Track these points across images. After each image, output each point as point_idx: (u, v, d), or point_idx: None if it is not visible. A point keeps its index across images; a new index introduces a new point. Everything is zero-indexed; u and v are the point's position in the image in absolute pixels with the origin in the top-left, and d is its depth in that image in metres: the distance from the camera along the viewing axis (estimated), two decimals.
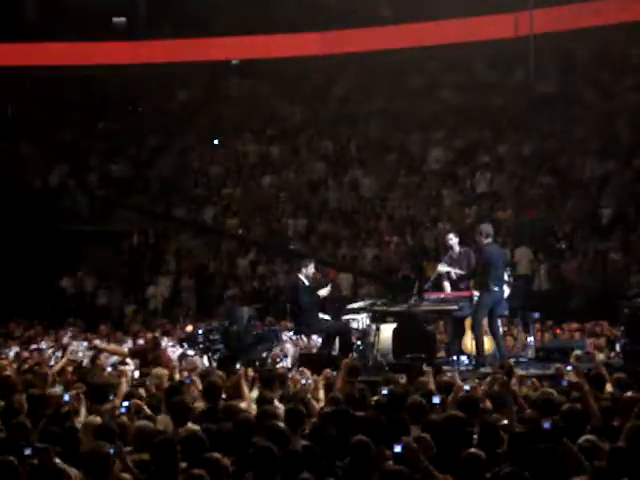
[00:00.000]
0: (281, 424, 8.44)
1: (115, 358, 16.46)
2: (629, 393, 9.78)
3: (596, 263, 22.81)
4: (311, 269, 15.99)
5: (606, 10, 27.50)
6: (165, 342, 18.04)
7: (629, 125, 26.28)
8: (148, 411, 9.70)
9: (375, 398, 10.04)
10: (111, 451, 7.51)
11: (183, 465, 7.63)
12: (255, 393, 10.72)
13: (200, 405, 10.09)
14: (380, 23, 30.27)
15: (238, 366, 13.15)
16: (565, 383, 10.52)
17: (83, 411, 9.66)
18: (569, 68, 28.87)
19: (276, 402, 9.95)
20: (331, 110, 30.96)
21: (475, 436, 8.19)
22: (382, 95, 30.37)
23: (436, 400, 9.48)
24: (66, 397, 9.75)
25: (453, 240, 16.07)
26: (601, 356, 15.54)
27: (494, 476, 7.11)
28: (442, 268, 15.87)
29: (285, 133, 30.72)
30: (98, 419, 9.19)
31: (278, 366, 15.01)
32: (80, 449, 8.31)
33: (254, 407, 9.93)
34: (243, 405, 10.18)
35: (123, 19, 32.10)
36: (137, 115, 31.40)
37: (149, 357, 14.05)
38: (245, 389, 10.65)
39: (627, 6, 27.42)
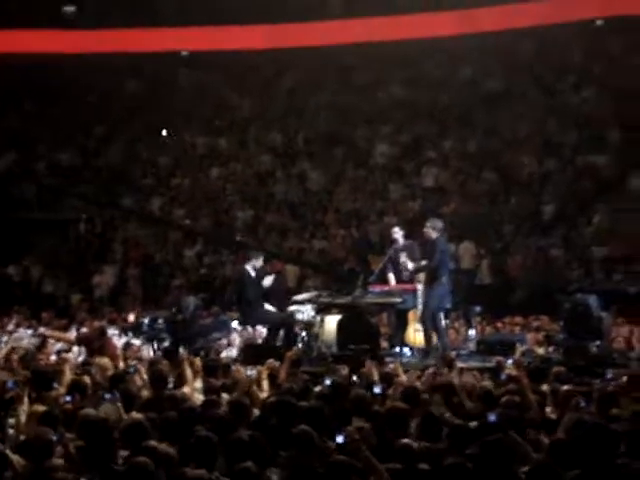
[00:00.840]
0: (225, 413, 8.56)
1: (60, 346, 16.49)
2: (565, 387, 10.03)
3: (537, 259, 23.16)
4: (259, 261, 16.13)
5: (549, 9, 27.81)
6: (111, 331, 18.08)
7: (570, 123, 26.66)
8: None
9: (318, 389, 10.18)
10: (54, 437, 7.60)
11: (125, 453, 7.73)
12: (199, 383, 10.84)
13: (146, 394, 10.18)
14: (329, 17, 30.37)
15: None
16: (504, 376, 10.72)
17: (26, 399, 9.69)
18: (514, 66, 29.17)
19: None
20: (279, 103, 31.05)
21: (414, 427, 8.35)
22: (330, 89, 30.52)
23: (377, 390, 9.65)
24: (9, 383, 9.72)
25: (398, 234, 16.27)
26: (540, 350, 15.83)
27: (436, 468, 7.25)
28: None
29: (233, 125, 30.77)
30: (41, 407, 9.24)
31: (223, 356, 15.12)
32: (23, 435, 8.39)
33: (198, 396, 10.05)
34: (186, 390, 10.31)
35: (73, 7, 31.87)
36: (85, 104, 31.24)
37: (95, 345, 14.07)
38: (188, 374, 10.77)
39: (569, 5, 27.76)
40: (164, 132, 30.74)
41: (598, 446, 6.81)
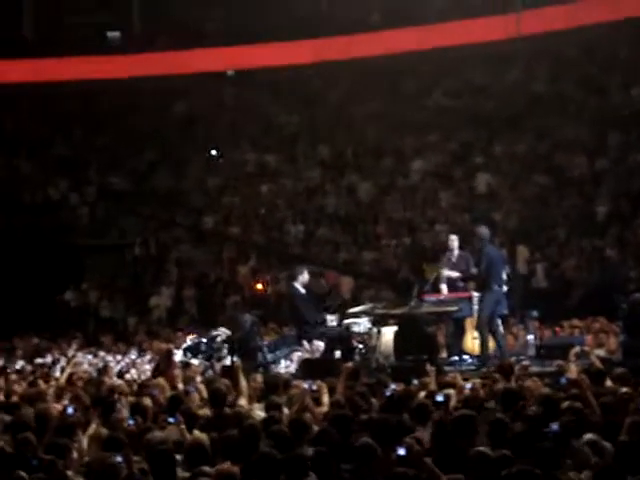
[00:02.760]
0: (287, 429, 8.57)
1: (120, 367, 16.66)
2: (624, 389, 9.93)
3: (593, 260, 22.97)
4: (305, 276, 16.14)
5: (593, 9, 27.65)
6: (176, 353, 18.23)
7: (620, 122, 26.44)
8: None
9: (374, 400, 10.17)
10: (118, 459, 7.65)
11: (186, 475, 7.77)
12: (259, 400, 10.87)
13: (206, 412, 10.22)
14: (372, 29, 30.41)
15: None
16: (564, 380, 10.63)
17: (94, 425, 9.75)
18: (560, 67, 29.00)
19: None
20: (326, 116, 31.10)
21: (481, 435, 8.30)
22: (376, 100, 30.51)
23: (439, 398, 9.60)
24: (70, 410, 9.79)
25: (454, 242, 16.25)
26: (601, 352, 15.69)
27: (506, 475, 7.20)
28: (445, 272, 16.03)
29: (281, 140, 30.86)
30: (104, 430, 9.31)
31: (282, 371, 15.15)
32: (87, 460, 8.46)
33: (259, 413, 10.06)
34: (243, 402, 10.35)
35: (117, 33, 32.20)
36: (134, 128, 31.51)
37: (161, 367, 14.17)
38: (244, 387, 10.82)
39: (614, 4, 27.57)
40: (213, 152, 30.90)
41: None
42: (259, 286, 24.76)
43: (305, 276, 16.10)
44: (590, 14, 27.60)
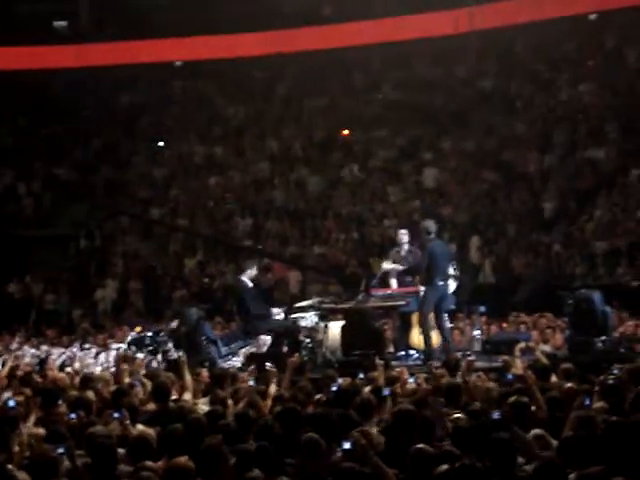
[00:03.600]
0: (232, 423, 8.50)
1: (62, 360, 16.47)
2: (569, 384, 9.97)
3: (540, 256, 23.10)
4: (254, 270, 16.08)
5: (542, 5, 27.80)
6: (114, 345, 18.07)
7: (568, 118, 26.61)
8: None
9: (318, 396, 10.12)
10: (60, 451, 7.56)
11: (129, 469, 7.68)
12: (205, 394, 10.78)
13: (151, 406, 10.12)
14: (321, 22, 30.35)
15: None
16: (510, 376, 10.64)
17: (32, 417, 9.62)
18: (508, 63, 29.13)
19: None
20: (275, 109, 31.01)
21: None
22: (325, 94, 30.48)
23: (386, 392, 9.57)
24: (11, 403, 9.64)
25: (404, 237, 16.21)
26: (547, 347, 15.77)
27: (448, 470, 7.16)
28: (386, 265, 16.05)
29: (230, 133, 30.72)
30: (41, 430, 9.15)
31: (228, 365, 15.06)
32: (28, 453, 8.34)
33: (204, 407, 9.97)
34: (187, 397, 10.26)
35: (65, 22, 31.86)
36: (81, 118, 31.21)
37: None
38: (189, 382, 10.75)
39: (563, 1, 27.74)
40: (160, 143, 30.69)
41: (606, 442, 6.78)
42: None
43: (254, 270, 16.04)
44: (538, 11, 27.73)
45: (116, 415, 9.13)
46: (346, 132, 27.89)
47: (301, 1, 30.63)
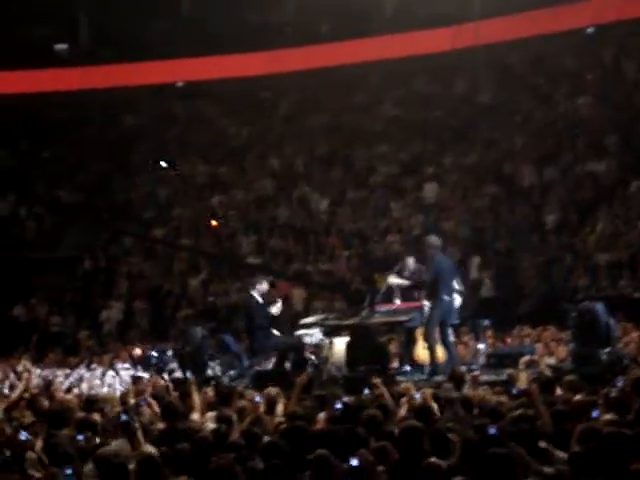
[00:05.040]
0: (239, 441, 8.53)
1: (69, 382, 16.52)
2: (578, 396, 9.99)
3: (542, 269, 23.12)
4: (264, 285, 16.10)
5: (540, 20, 27.90)
6: (120, 365, 18.13)
7: (567, 132, 26.67)
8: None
9: (322, 413, 10.14)
10: (68, 472, 7.59)
11: None
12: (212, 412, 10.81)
13: (159, 426, 10.16)
14: (320, 40, 30.48)
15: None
16: (515, 390, 10.67)
17: (39, 442, 9.65)
18: (507, 77, 29.20)
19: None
20: (276, 128, 31.11)
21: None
22: (326, 111, 30.57)
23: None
24: (22, 436, 9.58)
25: (411, 265, 16.30)
26: (551, 360, 15.80)
27: None
28: (392, 280, 16.11)
29: (232, 152, 30.81)
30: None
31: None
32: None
33: (211, 425, 10.01)
34: (195, 417, 10.29)
35: (65, 45, 31.99)
36: (83, 141, 31.31)
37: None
38: (196, 401, 10.78)
39: (560, 15, 27.84)
40: (163, 164, 30.77)
41: (613, 455, 6.80)
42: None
43: (264, 285, 16.06)
44: (536, 25, 27.83)
45: (124, 418, 9.19)
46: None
47: (301, 20, 30.79)
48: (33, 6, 30.07)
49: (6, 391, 16.03)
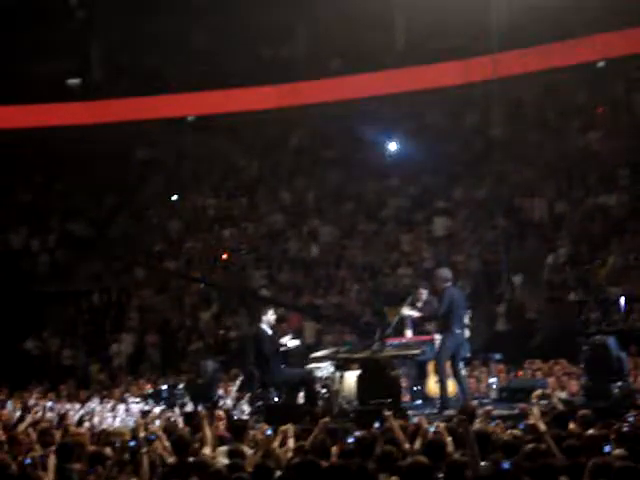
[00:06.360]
0: (251, 477, 8.52)
1: (80, 415, 16.51)
2: (591, 430, 9.96)
3: (554, 302, 23.10)
4: (271, 316, 16.07)
5: (551, 53, 28.02)
6: (131, 399, 18.12)
7: (579, 165, 26.71)
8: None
9: (334, 447, 10.11)
10: None
11: None
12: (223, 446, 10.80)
13: (170, 460, 10.14)
14: (331, 75, 30.64)
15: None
16: (522, 425, 10.62)
17: (51, 476, 9.64)
18: (519, 111, 29.29)
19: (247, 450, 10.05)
20: (287, 162, 31.21)
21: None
22: (337, 145, 30.68)
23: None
24: (27, 460, 9.62)
25: (424, 296, 16.34)
26: (563, 394, 15.74)
27: None
28: (405, 312, 16.12)
29: (243, 186, 30.92)
30: None
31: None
32: None
33: (223, 460, 10.00)
34: (207, 451, 10.27)
35: (77, 80, 32.23)
36: (95, 174, 31.46)
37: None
38: (209, 436, 10.75)
39: (571, 49, 27.95)
40: (174, 197, 30.90)
41: None
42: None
43: (271, 316, 16.04)
44: (547, 59, 27.95)
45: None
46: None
47: (312, 54, 30.97)
48: (47, 41, 30.30)
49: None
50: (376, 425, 11.42)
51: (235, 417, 14.66)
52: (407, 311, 16.13)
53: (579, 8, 27.39)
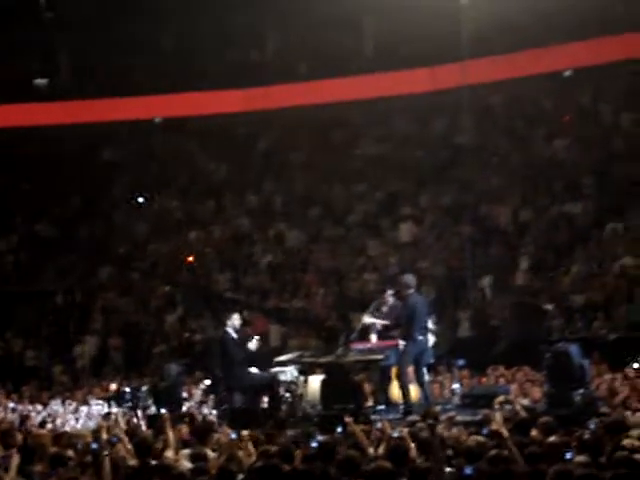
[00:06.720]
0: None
1: (42, 417, 16.42)
2: (553, 437, 10.01)
3: (517, 309, 23.19)
4: (236, 320, 16.04)
5: (519, 62, 28.19)
6: (94, 401, 18.04)
7: (544, 173, 26.85)
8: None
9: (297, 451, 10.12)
10: None
11: None
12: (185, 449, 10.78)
13: (132, 463, 10.11)
14: (299, 79, 30.66)
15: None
16: (485, 431, 10.67)
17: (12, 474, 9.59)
18: (485, 119, 29.41)
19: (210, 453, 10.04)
20: (255, 165, 31.18)
21: None
22: (305, 149, 30.69)
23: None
24: None
25: (390, 299, 16.35)
26: (525, 401, 15.81)
27: None
28: (366, 319, 16.14)
29: (210, 189, 30.85)
30: None
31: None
32: None
33: (185, 463, 9.98)
34: (169, 454, 10.25)
35: (45, 80, 32.07)
36: (60, 175, 31.29)
37: None
38: (171, 439, 10.72)
39: (539, 58, 28.12)
40: (140, 199, 30.79)
41: None
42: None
43: (236, 320, 16.00)
44: (514, 67, 28.12)
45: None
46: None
47: (280, 58, 30.98)
48: (13, 41, 30.12)
49: None
50: (339, 430, 11.45)
51: (199, 420, 14.62)
52: (367, 319, 16.15)
53: (547, 18, 27.59)
